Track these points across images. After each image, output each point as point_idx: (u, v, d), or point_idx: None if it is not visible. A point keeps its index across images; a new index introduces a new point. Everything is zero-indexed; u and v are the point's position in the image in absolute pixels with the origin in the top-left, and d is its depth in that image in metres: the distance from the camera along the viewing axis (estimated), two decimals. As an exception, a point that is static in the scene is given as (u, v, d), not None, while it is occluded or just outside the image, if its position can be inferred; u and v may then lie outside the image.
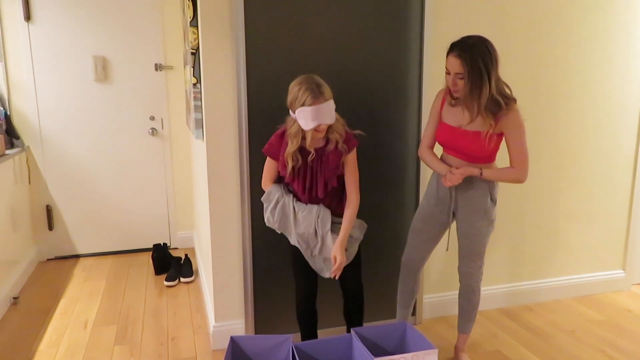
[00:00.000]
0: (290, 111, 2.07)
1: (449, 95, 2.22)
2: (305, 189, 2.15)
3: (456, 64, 2.06)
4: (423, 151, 2.37)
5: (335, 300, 2.41)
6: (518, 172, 2.21)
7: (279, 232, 2.27)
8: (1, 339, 2.74)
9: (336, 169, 2.15)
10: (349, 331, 2.34)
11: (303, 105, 1.98)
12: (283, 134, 2.15)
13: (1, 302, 2.99)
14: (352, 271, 2.26)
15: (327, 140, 2.13)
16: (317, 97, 1.98)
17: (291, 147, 2.08)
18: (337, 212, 2.22)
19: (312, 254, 2.22)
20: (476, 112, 2.11)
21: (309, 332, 2.36)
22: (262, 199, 2.26)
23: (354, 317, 2.37)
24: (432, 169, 2.37)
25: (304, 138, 2.06)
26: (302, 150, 2.11)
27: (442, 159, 2.34)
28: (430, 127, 2.34)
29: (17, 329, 2.84)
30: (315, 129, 2.02)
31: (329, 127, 2.07)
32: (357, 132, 2.19)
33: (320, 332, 2.41)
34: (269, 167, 2.24)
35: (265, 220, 2.25)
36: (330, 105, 2.03)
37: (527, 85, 2.89)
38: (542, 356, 2.60)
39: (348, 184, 2.20)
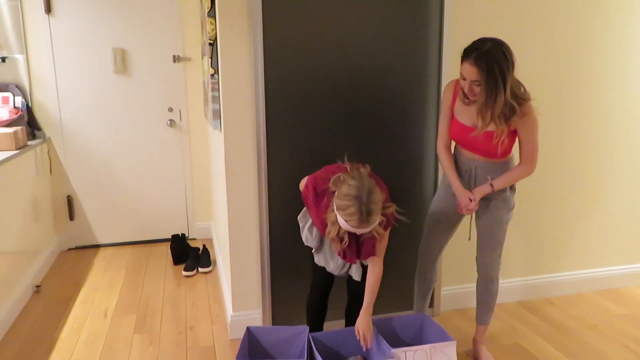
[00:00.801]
0: (333, 210, 1.91)
1: (461, 92, 2.16)
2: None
3: (473, 72, 1.99)
4: (440, 151, 2.33)
5: (342, 293, 2.38)
6: (527, 169, 2.19)
7: (312, 251, 2.25)
8: (24, 326, 2.79)
9: (370, 250, 2.09)
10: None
11: (346, 222, 1.87)
12: (323, 193, 2.00)
13: (24, 291, 3.05)
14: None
15: None
16: (362, 223, 1.85)
17: (329, 233, 1.98)
18: None
19: (339, 272, 2.22)
20: (489, 120, 2.05)
21: (315, 326, 2.35)
22: (298, 217, 2.26)
23: (352, 317, 2.33)
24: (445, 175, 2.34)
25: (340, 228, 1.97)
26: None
27: (455, 152, 2.32)
28: (444, 125, 2.29)
29: (40, 317, 2.90)
30: None
31: None
32: (403, 218, 2.03)
33: (325, 325, 2.41)
34: None
35: (304, 238, 2.24)
36: (373, 226, 1.90)
37: (548, 78, 2.83)
38: (563, 350, 2.56)
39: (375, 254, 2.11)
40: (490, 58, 1.95)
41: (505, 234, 2.32)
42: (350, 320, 2.34)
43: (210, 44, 2.73)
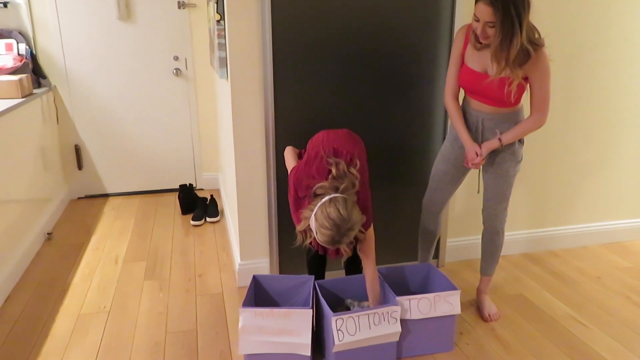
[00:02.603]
0: (312, 210, 1.87)
1: (473, 36, 2.09)
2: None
3: (487, 13, 1.91)
4: (448, 100, 2.28)
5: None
6: (538, 120, 2.13)
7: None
8: (38, 271, 2.86)
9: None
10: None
11: (316, 232, 1.85)
12: (305, 198, 1.97)
13: (36, 237, 3.11)
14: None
15: None
16: (327, 244, 1.87)
17: (299, 227, 1.98)
18: None
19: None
20: (504, 64, 1.99)
21: (317, 276, 2.36)
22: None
23: (351, 267, 2.36)
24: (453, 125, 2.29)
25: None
26: None
27: (463, 103, 2.27)
28: (453, 71, 2.23)
29: (52, 263, 2.96)
30: None
31: None
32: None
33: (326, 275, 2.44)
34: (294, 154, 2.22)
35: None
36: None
37: (561, 31, 2.74)
38: (565, 301, 2.59)
39: (363, 255, 2.06)
40: None
41: (511, 187, 2.31)
42: (350, 270, 2.37)
43: (215, -12, 2.64)
